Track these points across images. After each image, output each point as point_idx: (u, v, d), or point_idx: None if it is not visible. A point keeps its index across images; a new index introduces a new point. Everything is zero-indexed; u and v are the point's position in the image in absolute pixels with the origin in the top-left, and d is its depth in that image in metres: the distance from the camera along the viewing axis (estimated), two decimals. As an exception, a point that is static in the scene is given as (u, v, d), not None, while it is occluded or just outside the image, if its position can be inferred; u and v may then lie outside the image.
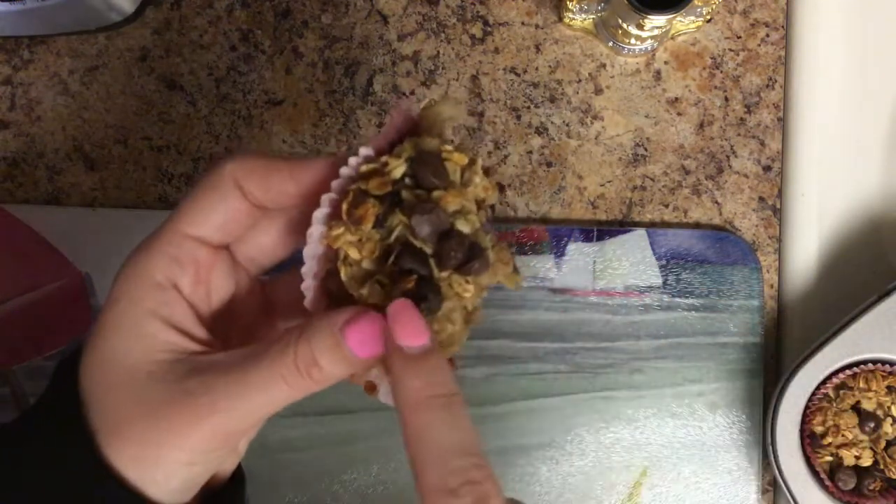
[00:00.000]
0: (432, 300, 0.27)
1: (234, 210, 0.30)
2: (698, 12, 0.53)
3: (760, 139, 0.56)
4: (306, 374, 0.27)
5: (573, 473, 0.53)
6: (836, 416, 0.50)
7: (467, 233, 0.28)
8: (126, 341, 0.28)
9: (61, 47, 0.56)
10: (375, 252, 0.28)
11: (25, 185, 0.55)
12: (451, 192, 0.28)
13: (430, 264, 0.28)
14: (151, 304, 0.29)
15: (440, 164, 0.28)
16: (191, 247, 0.29)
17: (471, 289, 0.28)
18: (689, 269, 0.54)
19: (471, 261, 0.28)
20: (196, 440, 0.27)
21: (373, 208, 0.28)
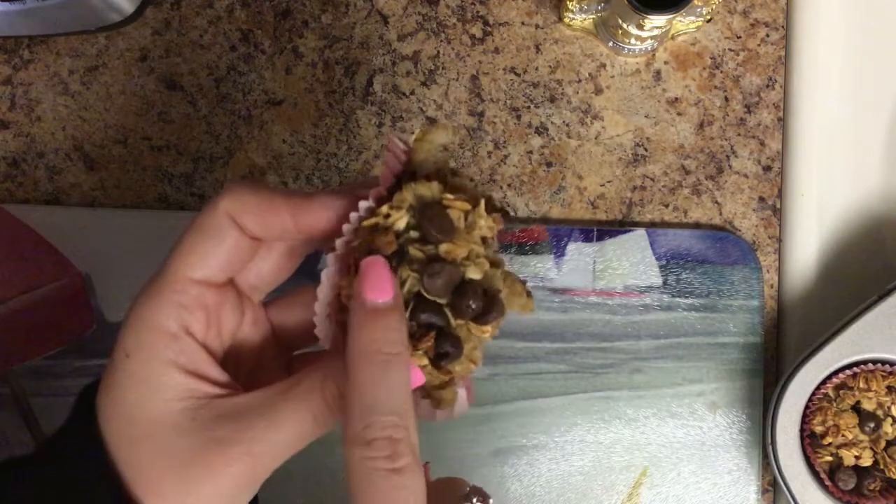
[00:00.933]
0: (453, 352, 0.28)
1: (233, 248, 0.30)
2: (698, 12, 0.53)
3: (760, 139, 0.56)
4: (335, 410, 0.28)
5: (573, 473, 0.53)
6: (836, 416, 0.50)
7: (479, 279, 0.28)
8: (146, 395, 0.28)
9: (61, 47, 0.56)
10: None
11: (25, 185, 0.55)
12: (458, 243, 0.28)
13: (447, 315, 0.28)
14: (168, 354, 0.29)
15: (443, 215, 0.28)
16: (198, 291, 0.29)
17: (489, 329, 0.29)
18: (689, 269, 0.54)
19: (487, 311, 0.28)
20: (228, 486, 0.28)
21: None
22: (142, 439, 0.28)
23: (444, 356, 0.28)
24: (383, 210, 0.28)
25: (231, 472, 0.27)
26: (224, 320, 0.31)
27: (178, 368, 0.28)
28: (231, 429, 0.28)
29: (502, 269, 0.29)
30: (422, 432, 0.57)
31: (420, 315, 0.28)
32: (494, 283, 0.29)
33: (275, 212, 0.29)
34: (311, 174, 0.55)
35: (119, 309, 0.52)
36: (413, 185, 0.29)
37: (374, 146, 0.55)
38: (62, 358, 0.52)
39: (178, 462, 0.28)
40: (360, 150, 0.55)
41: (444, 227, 0.28)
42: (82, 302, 0.52)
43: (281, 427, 0.28)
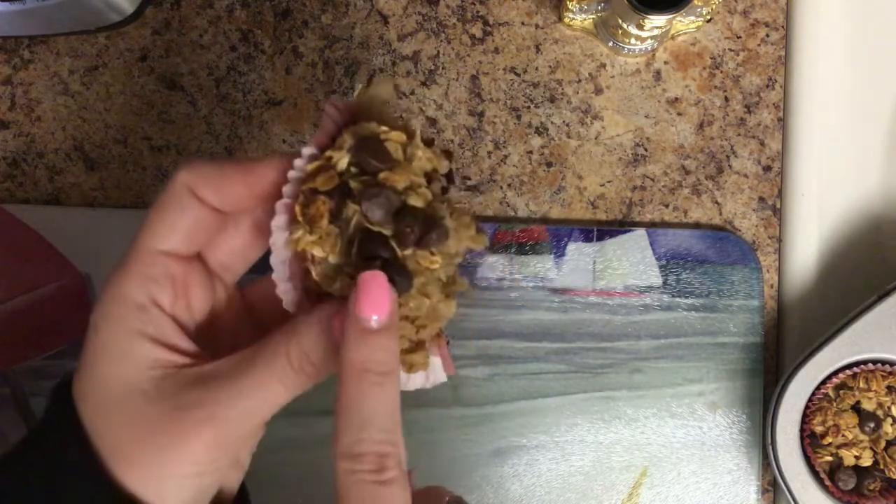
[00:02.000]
0: (400, 281, 0.28)
1: (195, 218, 0.30)
2: (698, 12, 0.53)
3: (760, 139, 0.56)
4: (301, 372, 0.28)
5: (573, 473, 0.53)
6: (836, 416, 0.50)
7: (420, 206, 0.29)
8: (115, 365, 0.29)
9: (61, 47, 0.56)
10: (338, 246, 0.28)
11: (25, 185, 0.55)
12: (396, 171, 0.28)
13: (392, 245, 0.28)
14: (136, 324, 0.29)
15: (380, 146, 0.29)
16: (163, 262, 0.30)
17: (438, 260, 0.29)
18: (689, 269, 0.54)
19: (428, 233, 0.28)
20: (198, 452, 0.28)
21: (323, 205, 0.28)
22: (112, 410, 0.28)
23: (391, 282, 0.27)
24: (326, 154, 0.29)
25: (197, 437, 0.27)
26: (193, 294, 0.31)
27: (146, 338, 0.29)
28: (196, 395, 0.28)
29: (449, 204, 0.30)
30: (422, 432, 0.57)
31: (365, 247, 0.28)
32: (438, 212, 0.29)
33: (228, 177, 0.30)
34: (311, 174, 0.55)
35: (119, 309, 0.52)
36: (352, 126, 0.29)
37: (374, 146, 0.55)
38: (62, 358, 0.52)
39: (145, 430, 0.28)
40: (360, 150, 0.55)
41: (381, 156, 0.28)
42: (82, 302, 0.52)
43: (244, 390, 0.28)
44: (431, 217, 0.29)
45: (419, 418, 0.53)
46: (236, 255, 0.33)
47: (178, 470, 0.28)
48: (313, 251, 0.28)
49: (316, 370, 0.28)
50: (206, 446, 0.28)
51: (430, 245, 0.28)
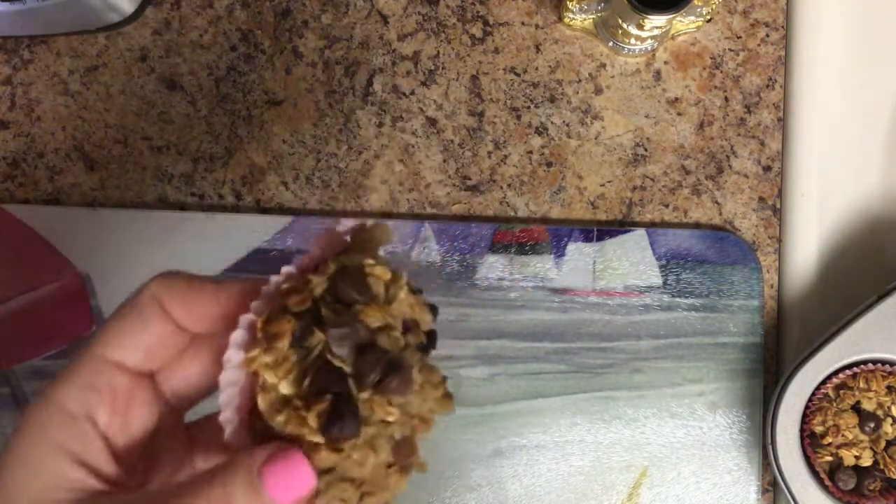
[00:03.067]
0: (348, 422, 0.25)
1: (157, 334, 0.28)
2: (698, 12, 0.53)
3: (760, 139, 0.56)
4: None
5: (573, 473, 0.53)
6: (836, 416, 0.50)
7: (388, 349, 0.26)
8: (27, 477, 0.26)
9: (61, 47, 0.56)
10: (292, 373, 0.26)
11: (25, 185, 0.55)
12: (373, 307, 0.26)
13: (348, 383, 0.26)
14: (60, 437, 0.27)
15: (362, 278, 0.27)
16: (109, 372, 0.28)
17: (395, 413, 0.26)
18: (689, 269, 0.54)
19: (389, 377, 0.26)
20: None
21: (288, 324, 0.26)
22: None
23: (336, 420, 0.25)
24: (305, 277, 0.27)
25: None
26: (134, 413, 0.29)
27: (67, 456, 0.27)
28: None
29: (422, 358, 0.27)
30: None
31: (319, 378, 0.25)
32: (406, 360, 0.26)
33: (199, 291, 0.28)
34: (311, 174, 0.55)
35: (119, 309, 0.52)
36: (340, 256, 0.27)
37: (374, 146, 0.55)
38: (62, 358, 0.52)
39: None
40: (360, 150, 0.55)
41: (361, 288, 0.26)
42: (82, 302, 0.52)
43: None
44: (397, 363, 0.26)
45: (419, 418, 0.53)
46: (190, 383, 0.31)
47: None
48: (265, 375, 0.26)
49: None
50: None
51: (389, 391, 0.26)
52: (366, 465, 0.26)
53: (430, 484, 0.53)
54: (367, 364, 0.26)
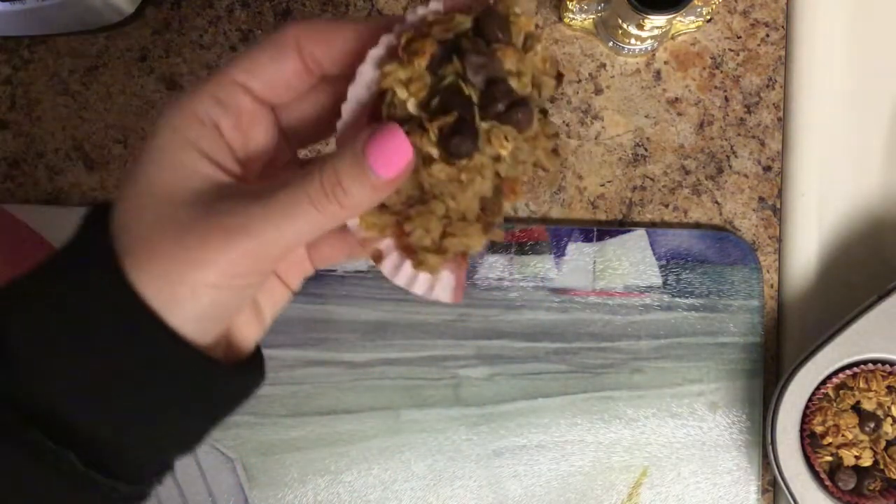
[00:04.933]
0: (466, 139, 0.27)
1: (287, 69, 0.30)
2: (698, 12, 0.53)
3: (760, 139, 0.56)
4: (332, 198, 0.27)
5: (573, 473, 0.53)
6: (836, 416, 0.50)
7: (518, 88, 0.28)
8: (163, 168, 0.29)
9: (61, 47, 0.56)
10: (422, 93, 0.27)
11: (25, 185, 0.55)
12: (511, 50, 0.27)
13: (473, 108, 0.27)
14: (191, 135, 0.29)
15: (506, 23, 0.28)
16: (237, 93, 0.30)
17: (509, 146, 0.28)
18: (689, 269, 0.54)
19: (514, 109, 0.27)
20: (225, 261, 0.27)
21: (430, 46, 0.27)
22: (151, 209, 0.28)
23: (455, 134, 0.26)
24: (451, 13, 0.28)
25: (225, 245, 0.27)
26: (253, 134, 0.31)
27: (198, 151, 0.29)
28: (230, 205, 0.28)
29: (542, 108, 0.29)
30: (422, 432, 0.57)
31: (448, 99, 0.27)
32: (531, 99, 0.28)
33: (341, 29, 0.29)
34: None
35: (119, 309, 0.52)
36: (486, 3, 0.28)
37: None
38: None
39: (178, 228, 0.27)
40: (360, 150, 0.55)
41: (504, 31, 0.27)
42: (82, 302, 0.52)
43: (277, 208, 0.27)
44: (522, 100, 0.28)
45: (419, 418, 0.53)
46: (307, 123, 0.32)
47: (198, 275, 0.27)
48: (397, 89, 0.27)
49: (348, 199, 0.28)
50: (233, 258, 0.27)
51: (510, 122, 0.27)
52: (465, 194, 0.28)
53: (430, 484, 0.53)
54: (496, 95, 0.27)
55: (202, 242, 0.27)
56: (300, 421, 0.52)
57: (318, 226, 0.28)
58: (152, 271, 0.27)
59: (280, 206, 0.27)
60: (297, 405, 0.53)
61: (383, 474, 0.53)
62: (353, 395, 0.53)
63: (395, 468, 0.52)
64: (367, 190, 0.28)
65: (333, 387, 0.53)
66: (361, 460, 0.52)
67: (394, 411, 0.53)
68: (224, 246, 0.27)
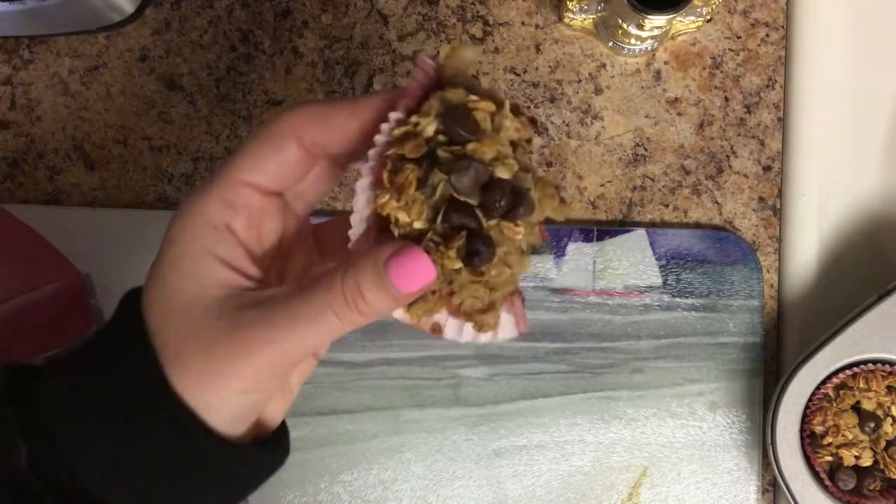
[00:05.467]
0: (484, 252, 0.28)
1: (290, 159, 0.31)
2: (698, 12, 0.53)
3: (760, 139, 0.56)
4: (354, 307, 0.29)
5: (573, 473, 0.53)
6: (836, 416, 0.50)
7: (507, 178, 0.29)
8: (184, 279, 0.30)
9: (61, 47, 0.56)
10: (424, 213, 0.28)
11: (25, 185, 0.55)
12: (485, 143, 0.29)
13: (478, 216, 0.28)
14: (207, 243, 0.30)
15: (469, 116, 0.29)
16: (245, 193, 0.30)
17: (521, 230, 0.29)
18: (689, 269, 0.54)
19: (516, 206, 0.29)
20: (249, 370, 0.29)
21: (412, 173, 0.28)
22: (176, 319, 0.29)
23: (475, 254, 0.28)
24: (412, 119, 0.29)
25: (249, 357, 0.29)
26: (266, 227, 0.32)
27: (216, 258, 0.30)
28: (253, 316, 0.29)
29: (533, 173, 0.30)
30: (422, 432, 0.57)
31: (452, 216, 0.28)
32: (524, 183, 0.29)
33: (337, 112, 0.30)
34: (311, 174, 0.55)
35: (119, 309, 0.52)
36: (440, 92, 0.29)
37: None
38: (62, 358, 0.52)
39: (205, 343, 0.29)
40: (360, 150, 0.55)
41: (470, 127, 0.29)
42: (82, 302, 0.52)
43: (299, 317, 0.29)
44: (518, 190, 0.29)
45: (419, 418, 0.53)
46: (310, 185, 0.33)
47: (227, 384, 0.29)
48: (398, 216, 0.29)
49: (369, 309, 0.29)
50: (257, 367, 0.29)
51: (516, 218, 0.29)
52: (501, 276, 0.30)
53: (430, 483, 0.53)
54: (493, 198, 0.28)
55: (229, 354, 0.29)
56: (300, 421, 0.52)
57: (338, 332, 0.29)
58: (186, 377, 0.29)
59: (303, 316, 0.29)
60: (296, 405, 0.52)
61: (383, 474, 0.52)
62: (353, 395, 0.53)
63: (395, 468, 0.52)
64: (389, 301, 0.29)
65: (333, 387, 0.53)
66: (361, 460, 0.52)
67: (394, 411, 0.53)
68: (249, 357, 0.29)
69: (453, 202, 0.28)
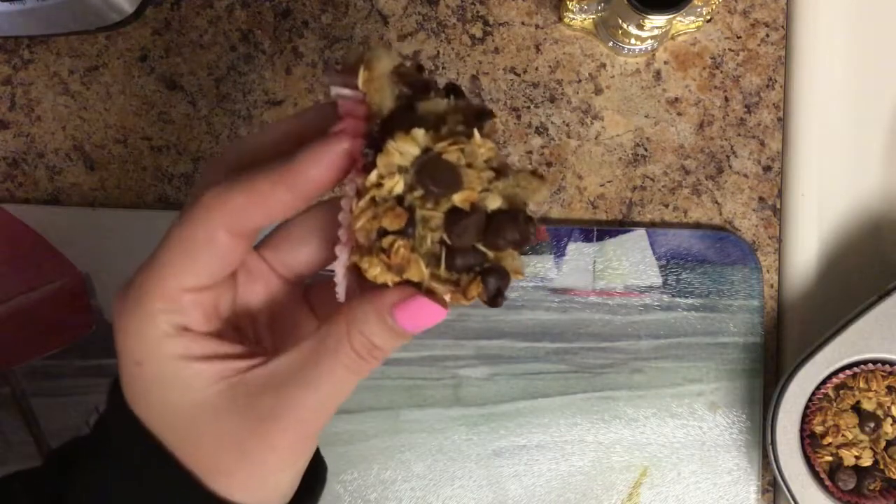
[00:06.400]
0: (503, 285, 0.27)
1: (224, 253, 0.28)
2: (698, 12, 0.53)
3: (760, 139, 0.56)
4: (369, 357, 0.28)
5: (573, 473, 0.53)
6: (836, 416, 0.50)
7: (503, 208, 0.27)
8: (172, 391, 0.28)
9: (61, 47, 0.56)
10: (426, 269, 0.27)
11: (25, 185, 0.55)
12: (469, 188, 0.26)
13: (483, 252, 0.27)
14: (177, 351, 0.28)
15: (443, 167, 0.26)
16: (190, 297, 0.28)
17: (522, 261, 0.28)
18: (689, 269, 0.54)
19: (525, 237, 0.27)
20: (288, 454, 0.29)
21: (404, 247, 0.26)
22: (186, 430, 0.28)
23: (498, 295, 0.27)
24: (372, 179, 0.26)
25: (286, 441, 0.28)
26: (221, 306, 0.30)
27: (195, 359, 0.28)
28: (272, 400, 0.28)
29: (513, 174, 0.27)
30: (422, 432, 0.57)
31: (457, 262, 0.27)
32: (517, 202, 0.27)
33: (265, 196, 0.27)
34: (311, 174, 0.55)
35: (119, 309, 0.52)
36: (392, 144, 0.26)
37: (374, 146, 0.55)
38: (62, 358, 0.52)
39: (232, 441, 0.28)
40: (360, 150, 0.55)
41: (450, 179, 0.26)
42: (82, 302, 0.52)
43: (320, 387, 0.28)
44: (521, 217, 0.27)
45: (419, 418, 0.53)
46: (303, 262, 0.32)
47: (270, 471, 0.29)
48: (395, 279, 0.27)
49: (381, 351, 0.28)
50: (293, 447, 0.29)
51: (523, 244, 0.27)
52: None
53: (430, 483, 0.53)
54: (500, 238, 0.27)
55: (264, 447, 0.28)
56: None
57: (355, 383, 0.29)
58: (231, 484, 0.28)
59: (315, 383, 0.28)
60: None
61: (383, 474, 0.52)
62: (353, 395, 0.52)
63: (395, 468, 0.52)
64: (401, 340, 0.29)
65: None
66: (361, 460, 0.52)
67: (394, 411, 0.53)
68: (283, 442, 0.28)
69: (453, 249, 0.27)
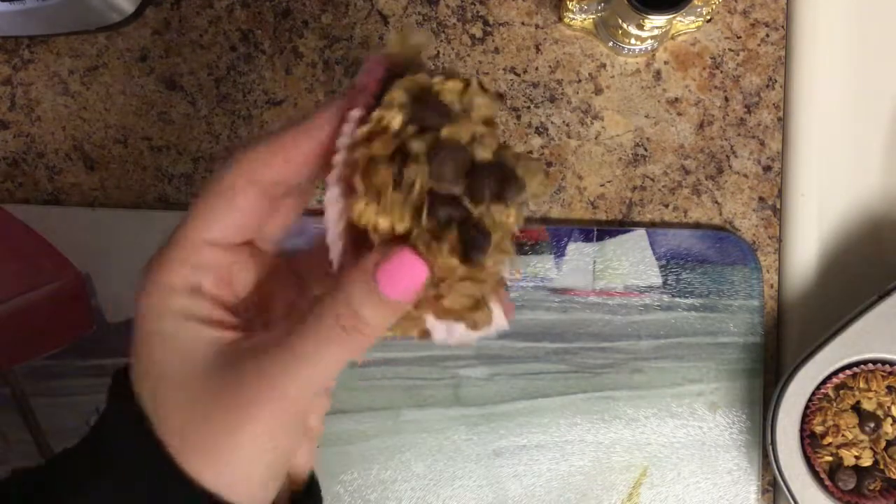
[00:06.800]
0: (480, 242, 0.26)
1: (247, 209, 0.29)
2: (698, 12, 0.53)
3: (760, 139, 0.56)
4: (353, 330, 0.27)
5: (573, 473, 0.53)
6: (836, 416, 0.50)
7: (489, 158, 0.27)
8: (168, 349, 0.28)
9: (61, 47, 0.56)
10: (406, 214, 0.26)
11: (25, 185, 0.55)
12: (459, 125, 0.27)
13: (466, 205, 0.26)
14: (182, 309, 0.28)
15: (437, 100, 0.27)
16: (210, 252, 0.29)
17: (512, 212, 0.27)
18: (689, 269, 0.54)
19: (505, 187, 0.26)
20: (263, 426, 0.27)
21: (386, 172, 0.26)
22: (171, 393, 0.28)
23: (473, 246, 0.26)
24: (375, 115, 0.26)
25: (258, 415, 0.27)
26: (237, 278, 0.30)
27: (195, 320, 0.28)
28: (252, 369, 0.27)
29: (512, 150, 0.28)
30: (422, 432, 0.57)
31: (438, 211, 0.26)
32: (508, 161, 0.27)
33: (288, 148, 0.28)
34: (311, 174, 0.55)
35: (119, 309, 0.52)
36: (399, 80, 0.27)
37: (374, 146, 0.55)
38: (62, 358, 0.52)
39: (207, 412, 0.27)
40: (360, 150, 0.55)
41: (441, 110, 0.26)
42: (82, 302, 0.52)
43: (301, 360, 0.27)
44: (503, 168, 0.27)
45: (419, 418, 0.53)
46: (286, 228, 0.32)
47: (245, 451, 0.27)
48: (378, 222, 0.26)
49: (370, 328, 0.27)
50: (269, 423, 0.27)
51: (507, 199, 0.27)
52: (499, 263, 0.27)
53: (430, 483, 0.53)
54: (479, 183, 0.26)
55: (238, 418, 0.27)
56: (300, 421, 0.52)
57: (342, 361, 0.27)
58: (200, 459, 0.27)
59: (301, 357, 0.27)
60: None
61: (383, 474, 0.52)
62: (352, 395, 0.53)
63: (395, 468, 0.52)
64: (388, 313, 0.27)
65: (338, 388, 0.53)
66: (361, 460, 0.52)
67: (393, 411, 0.53)
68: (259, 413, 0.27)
69: (436, 196, 0.26)
